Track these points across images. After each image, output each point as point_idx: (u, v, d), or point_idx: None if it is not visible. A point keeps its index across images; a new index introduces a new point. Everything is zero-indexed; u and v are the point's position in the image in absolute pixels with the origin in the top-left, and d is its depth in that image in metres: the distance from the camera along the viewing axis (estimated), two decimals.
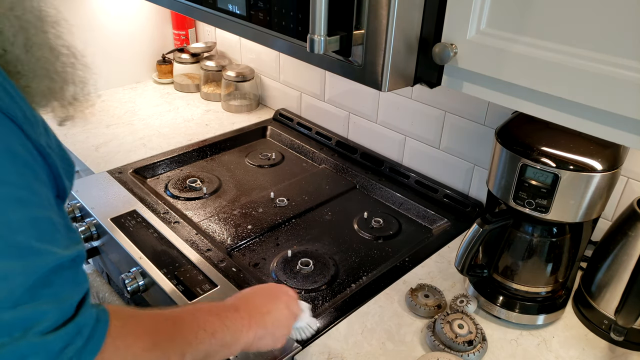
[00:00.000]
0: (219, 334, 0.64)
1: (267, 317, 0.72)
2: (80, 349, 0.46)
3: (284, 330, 0.75)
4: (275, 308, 0.74)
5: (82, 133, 1.53)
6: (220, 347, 0.64)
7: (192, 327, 0.61)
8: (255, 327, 0.69)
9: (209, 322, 0.63)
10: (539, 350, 0.88)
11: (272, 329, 0.72)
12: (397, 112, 1.35)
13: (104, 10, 1.73)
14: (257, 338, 0.69)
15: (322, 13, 0.68)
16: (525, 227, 0.89)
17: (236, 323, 0.67)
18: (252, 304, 0.72)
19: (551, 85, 0.63)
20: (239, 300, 0.72)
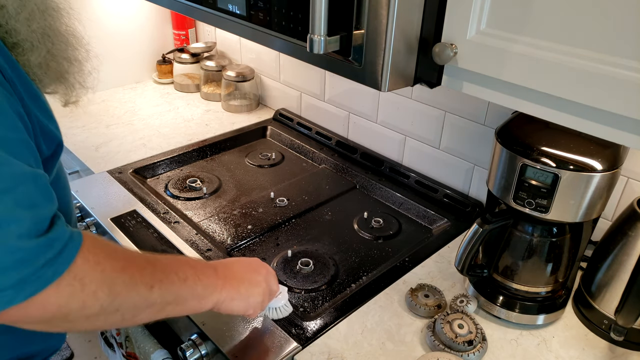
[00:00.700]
0: (191, 282, 0.66)
1: (242, 284, 0.75)
2: (51, 259, 0.51)
3: (258, 299, 0.77)
4: (252, 278, 0.77)
5: (82, 133, 1.54)
6: (190, 295, 0.66)
7: (166, 268, 0.64)
8: (229, 289, 0.72)
9: (182, 270, 0.66)
10: (539, 350, 0.88)
11: (245, 295, 0.75)
12: (397, 112, 1.35)
13: (104, 10, 1.73)
14: (228, 299, 0.72)
15: (322, 13, 0.68)
16: (525, 227, 0.89)
17: (210, 279, 0.70)
18: (231, 270, 0.75)
19: (551, 85, 0.63)
20: (219, 263, 0.76)
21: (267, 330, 0.88)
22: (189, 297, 0.67)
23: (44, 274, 0.51)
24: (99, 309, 0.56)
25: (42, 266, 0.51)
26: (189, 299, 0.67)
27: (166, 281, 0.63)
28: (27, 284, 0.50)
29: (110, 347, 1.31)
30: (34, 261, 0.50)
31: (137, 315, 0.61)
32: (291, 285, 1.01)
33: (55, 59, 0.63)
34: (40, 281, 0.51)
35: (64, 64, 0.65)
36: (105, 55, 1.78)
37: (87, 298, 0.55)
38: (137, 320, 0.62)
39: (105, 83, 1.84)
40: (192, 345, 0.88)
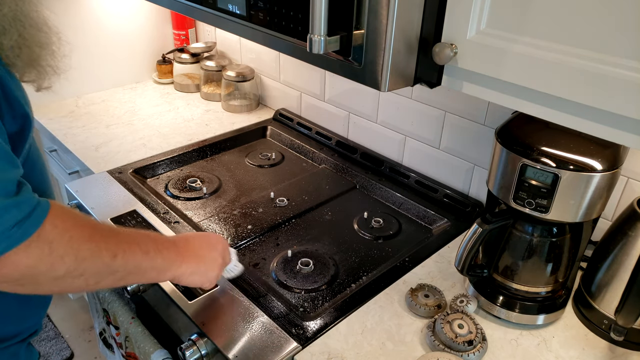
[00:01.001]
0: (152, 254, 0.71)
1: (201, 260, 0.81)
2: (20, 221, 0.55)
3: (215, 274, 0.84)
4: (210, 255, 0.83)
5: (82, 133, 1.54)
6: (151, 267, 0.72)
7: (129, 239, 0.69)
8: (188, 264, 0.78)
9: (144, 243, 0.71)
10: (539, 350, 0.88)
11: (203, 270, 0.81)
12: (397, 112, 1.35)
13: (104, 10, 1.73)
14: (187, 273, 0.78)
15: (322, 13, 0.68)
16: (525, 227, 0.89)
17: (171, 254, 0.75)
18: (191, 245, 0.80)
19: (551, 85, 0.63)
20: (179, 238, 0.81)
21: (267, 330, 0.88)
22: (149, 269, 0.71)
23: (13, 234, 0.55)
24: (65, 272, 0.60)
25: (12, 227, 0.54)
26: (149, 270, 0.72)
27: (129, 251, 0.67)
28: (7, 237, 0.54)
29: (109, 348, 1.31)
30: (3, 221, 0.54)
31: (100, 282, 0.65)
32: (291, 285, 1.01)
33: (27, 43, 0.66)
34: (9, 240, 0.54)
35: (35, 50, 0.68)
36: (105, 55, 1.80)
37: (55, 261, 0.59)
38: (100, 285, 0.66)
39: (105, 83, 1.84)
40: (192, 345, 0.88)
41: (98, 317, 1.30)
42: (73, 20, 1.67)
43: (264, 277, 1.04)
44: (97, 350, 1.98)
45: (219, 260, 0.85)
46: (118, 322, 1.14)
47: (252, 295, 0.95)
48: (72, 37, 1.69)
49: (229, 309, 0.92)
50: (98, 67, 1.79)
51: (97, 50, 1.77)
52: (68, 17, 1.66)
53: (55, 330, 2.05)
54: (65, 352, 1.96)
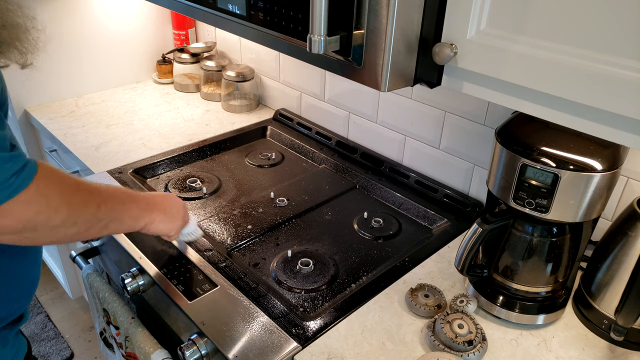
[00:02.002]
0: (127, 205, 0.83)
1: (167, 211, 0.94)
2: (17, 172, 0.61)
3: (178, 224, 0.97)
4: (172, 207, 0.96)
5: (82, 133, 1.54)
6: (127, 216, 0.83)
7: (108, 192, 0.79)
8: (157, 213, 0.91)
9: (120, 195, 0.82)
10: (539, 350, 0.88)
11: (169, 219, 0.94)
12: (397, 112, 1.35)
13: (104, 10, 1.73)
14: (157, 221, 0.91)
15: (322, 13, 0.68)
16: (525, 227, 0.89)
17: (142, 204, 0.88)
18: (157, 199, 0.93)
19: (551, 85, 0.63)
20: (146, 194, 0.93)
21: (267, 330, 0.88)
22: (126, 217, 0.83)
23: (13, 182, 0.61)
24: (61, 222, 0.68)
25: (10, 177, 0.61)
26: (126, 219, 0.83)
27: (110, 202, 0.77)
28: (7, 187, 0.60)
29: (110, 348, 1.31)
30: (3, 171, 0.60)
31: (89, 229, 0.74)
32: (291, 285, 1.01)
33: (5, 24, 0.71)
34: (10, 189, 0.61)
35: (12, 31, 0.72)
36: (105, 55, 1.80)
37: (51, 213, 0.66)
38: (89, 233, 0.75)
39: (105, 83, 1.84)
40: (192, 345, 0.88)
41: (98, 317, 1.30)
42: (73, 20, 1.67)
43: (264, 277, 1.04)
44: (97, 350, 1.98)
45: (181, 212, 0.98)
46: (118, 322, 1.14)
47: (252, 295, 0.95)
48: (73, 37, 1.69)
49: (229, 309, 0.92)
50: (98, 67, 1.79)
51: (97, 50, 1.77)
52: (68, 17, 1.66)
53: (55, 330, 2.05)
54: (65, 352, 1.96)
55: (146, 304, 1.11)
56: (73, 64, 1.73)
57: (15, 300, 0.84)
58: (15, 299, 0.84)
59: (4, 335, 0.84)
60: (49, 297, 2.22)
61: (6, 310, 0.83)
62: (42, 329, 2.05)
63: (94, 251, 1.30)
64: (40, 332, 2.04)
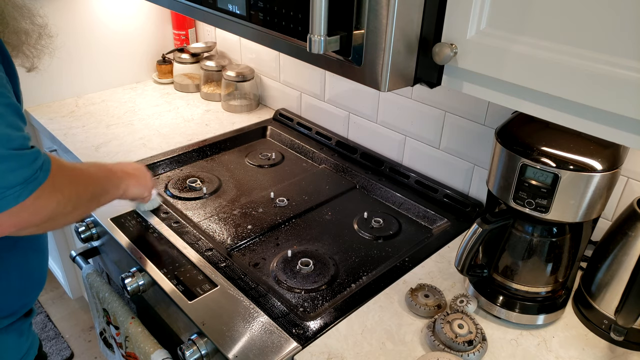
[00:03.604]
0: (109, 177, 0.93)
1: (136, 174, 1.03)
2: (41, 166, 0.67)
3: (148, 185, 1.08)
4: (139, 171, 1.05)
5: (82, 133, 1.54)
6: (110, 186, 0.92)
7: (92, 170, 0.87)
8: (130, 178, 1.00)
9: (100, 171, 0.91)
10: (539, 350, 0.88)
11: (141, 181, 1.05)
12: (397, 112, 1.35)
13: (104, 10, 1.73)
14: (131, 185, 1.00)
15: (322, 13, 0.68)
16: (525, 227, 0.89)
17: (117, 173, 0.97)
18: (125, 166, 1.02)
19: (551, 85, 0.63)
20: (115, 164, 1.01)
21: (267, 330, 0.88)
22: (111, 188, 0.92)
23: (38, 176, 0.66)
24: (72, 208, 0.75)
25: (36, 170, 0.66)
26: (110, 189, 0.92)
27: (97, 179, 0.86)
28: (29, 182, 0.64)
29: (110, 348, 1.31)
30: (31, 165, 0.65)
31: (88, 209, 0.84)
32: (291, 285, 1.01)
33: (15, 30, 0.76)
34: (37, 181, 0.66)
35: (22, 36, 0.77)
36: (105, 55, 1.80)
37: (66, 201, 0.73)
38: (88, 210, 0.84)
39: (105, 83, 1.84)
40: (192, 345, 0.88)
41: (98, 317, 1.30)
42: (73, 20, 1.67)
43: (264, 277, 1.04)
44: (97, 350, 1.98)
45: (148, 175, 1.08)
46: (118, 322, 1.14)
47: (252, 295, 0.95)
48: (73, 37, 1.69)
49: (229, 309, 0.92)
50: (98, 67, 1.79)
51: (97, 50, 1.77)
52: (68, 17, 1.66)
53: (55, 330, 2.05)
54: (65, 352, 1.96)
55: (146, 304, 1.11)
56: (73, 64, 1.73)
57: (30, 291, 0.88)
58: (30, 289, 0.88)
59: (19, 327, 0.87)
60: (49, 297, 2.22)
61: (23, 301, 0.86)
62: (42, 329, 2.05)
63: (94, 251, 1.30)
64: (40, 332, 2.03)
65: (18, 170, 0.63)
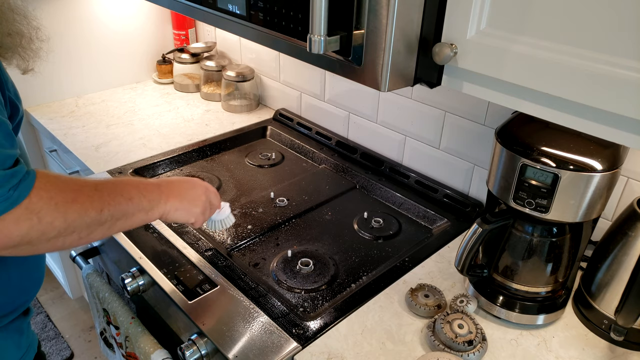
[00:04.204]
0: (136, 200, 0.77)
1: (183, 196, 0.86)
2: (15, 185, 0.61)
3: (198, 210, 0.89)
4: (192, 192, 0.89)
5: (82, 133, 1.54)
6: (137, 210, 0.77)
7: (112, 192, 0.74)
8: (172, 201, 0.84)
9: (127, 190, 0.76)
10: (539, 350, 0.88)
11: (187, 205, 0.87)
12: (397, 112, 1.35)
13: (104, 10, 1.73)
14: (173, 209, 0.84)
15: (322, 13, 0.68)
16: (525, 227, 0.89)
17: (154, 194, 0.81)
18: (173, 185, 0.86)
19: (551, 85, 0.63)
20: (163, 181, 0.86)
21: (267, 330, 0.88)
22: (135, 212, 0.77)
23: (11, 196, 0.60)
24: (57, 234, 0.66)
25: (9, 190, 0.60)
26: (136, 213, 0.77)
27: (113, 203, 0.73)
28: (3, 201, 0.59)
29: (110, 348, 1.31)
30: (3, 186, 0.60)
31: (91, 233, 0.71)
32: (291, 285, 1.01)
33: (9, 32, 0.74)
34: (8, 202, 0.60)
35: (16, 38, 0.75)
36: (105, 55, 1.80)
37: (45, 228, 0.64)
38: (92, 237, 0.72)
39: (105, 83, 1.84)
40: (192, 345, 0.88)
41: (98, 317, 1.30)
42: (73, 20, 1.67)
43: (264, 277, 1.04)
44: (97, 350, 1.98)
45: (202, 197, 0.90)
46: (118, 322, 1.14)
47: (252, 295, 0.95)
48: (73, 37, 1.69)
49: (229, 309, 0.92)
50: (98, 67, 1.79)
51: (97, 50, 1.77)
52: (68, 17, 1.66)
53: (55, 330, 2.05)
54: (65, 352, 1.96)
55: (146, 304, 1.11)
56: (73, 64, 1.73)
57: (29, 289, 0.87)
58: (29, 288, 0.87)
59: (19, 325, 0.87)
60: (49, 297, 2.22)
61: (22, 299, 0.85)
62: (42, 329, 2.05)
63: (94, 251, 1.30)
64: (40, 332, 2.03)
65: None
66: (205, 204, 0.91)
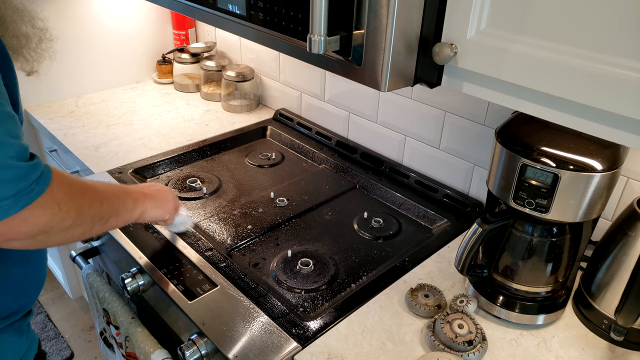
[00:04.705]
0: (122, 199, 0.88)
1: (157, 196, 0.99)
2: (37, 178, 0.65)
3: (170, 207, 1.02)
4: (162, 193, 1.01)
5: (82, 133, 1.54)
6: (124, 208, 0.88)
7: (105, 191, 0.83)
8: (149, 201, 0.95)
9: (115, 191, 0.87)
10: (539, 350, 0.88)
11: (161, 203, 0.99)
12: (397, 112, 1.35)
13: (104, 10, 1.73)
14: (150, 207, 0.95)
15: (322, 13, 0.68)
16: (525, 227, 0.89)
17: (134, 194, 0.93)
18: (146, 188, 0.99)
19: (551, 85, 0.63)
20: (137, 186, 0.99)
21: (267, 330, 0.88)
22: (122, 210, 0.87)
23: (34, 189, 0.64)
24: (71, 223, 0.72)
25: (32, 182, 0.64)
26: (123, 211, 0.87)
27: (108, 199, 0.82)
28: (22, 196, 0.63)
29: (110, 348, 1.31)
30: (27, 178, 0.63)
31: (92, 228, 0.78)
32: (291, 285, 1.01)
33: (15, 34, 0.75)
34: (31, 194, 0.64)
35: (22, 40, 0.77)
36: (105, 55, 1.80)
37: (64, 216, 0.70)
38: (92, 231, 0.79)
39: (105, 83, 1.84)
40: (192, 345, 0.88)
41: (98, 317, 1.30)
42: (73, 20, 1.67)
43: (264, 277, 1.04)
44: (97, 350, 1.98)
45: (170, 196, 1.03)
46: (118, 322, 1.14)
47: (252, 295, 0.95)
48: (73, 37, 1.69)
49: (229, 309, 0.92)
50: (98, 67, 1.79)
51: (98, 50, 1.77)
52: (68, 17, 1.66)
53: (55, 330, 2.05)
54: (65, 352, 1.96)
55: (146, 304, 1.11)
56: (73, 64, 1.73)
57: (29, 293, 0.87)
58: (29, 291, 0.87)
59: (19, 326, 0.87)
60: (49, 297, 2.22)
61: (22, 302, 0.86)
62: (42, 329, 2.05)
63: (94, 251, 1.30)
64: (40, 332, 2.03)
65: (12, 182, 0.62)
66: (174, 204, 1.04)
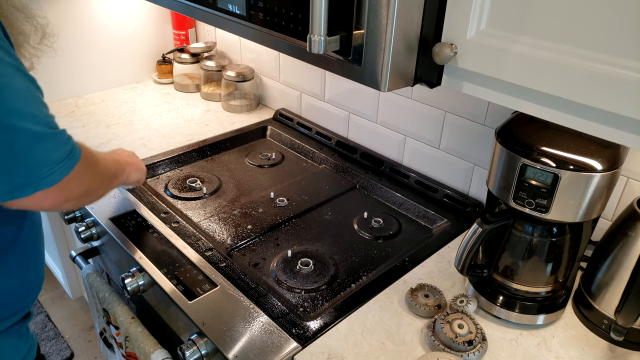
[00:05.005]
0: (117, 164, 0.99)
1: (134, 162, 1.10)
2: (73, 144, 0.73)
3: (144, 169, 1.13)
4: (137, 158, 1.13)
5: (82, 133, 1.54)
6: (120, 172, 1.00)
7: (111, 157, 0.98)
8: (130, 166, 1.07)
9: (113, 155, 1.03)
10: (539, 350, 0.88)
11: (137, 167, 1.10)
12: (397, 112, 1.35)
13: (104, 10, 1.73)
14: (133, 170, 1.07)
15: (322, 13, 0.68)
16: (525, 227, 0.89)
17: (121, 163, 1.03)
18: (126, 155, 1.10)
19: (551, 85, 0.63)
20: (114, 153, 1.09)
21: (267, 330, 0.88)
22: (119, 172, 0.99)
23: (75, 152, 0.72)
24: (99, 184, 0.84)
25: (72, 147, 0.72)
26: (119, 174, 0.99)
27: (111, 163, 0.94)
28: (69, 159, 0.71)
29: (110, 348, 1.31)
30: (68, 141, 0.71)
31: (109, 187, 0.93)
32: (291, 285, 1.01)
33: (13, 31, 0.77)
34: (75, 158, 0.72)
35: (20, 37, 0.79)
36: (105, 55, 1.80)
37: (97, 177, 0.82)
38: (107, 190, 0.93)
39: (105, 83, 1.84)
40: (192, 345, 0.88)
41: (98, 316, 1.30)
42: (73, 20, 1.67)
43: (264, 277, 1.04)
44: (97, 350, 1.98)
45: (139, 159, 1.15)
46: (118, 322, 1.14)
47: (252, 295, 0.95)
48: (73, 37, 1.69)
49: (229, 309, 0.92)
50: (98, 67, 1.79)
51: (98, 50, 1.77)
52: (68, 17, 1.66)
53: (55, 330, 2.05)
54: (65, 352, 1.96)
55: (146, 304, 1.11)
56: (73, 64, 1.73)
57: (28, 293, 0.88)
58: (28, 292, 0.88)
59: (18, 329, 0.87)
60: (49, 297, 2.22)
61: (22, 304, 0.86)
62: (42, 329, 2.05)
63: (94, 251, 1.30)
64: (40, 332, 2.03)
65: (59, 147, 0.70)
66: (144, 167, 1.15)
